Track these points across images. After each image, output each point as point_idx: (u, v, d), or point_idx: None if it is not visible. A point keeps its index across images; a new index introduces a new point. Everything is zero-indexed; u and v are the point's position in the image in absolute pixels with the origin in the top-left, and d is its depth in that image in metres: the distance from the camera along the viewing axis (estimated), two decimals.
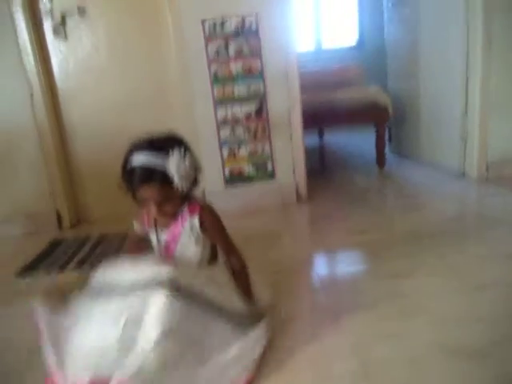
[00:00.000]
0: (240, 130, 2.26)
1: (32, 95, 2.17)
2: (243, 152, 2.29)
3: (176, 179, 1.02)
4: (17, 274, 1.71)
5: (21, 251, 1.98)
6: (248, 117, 2.25)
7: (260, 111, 2.24)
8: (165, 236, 1.14)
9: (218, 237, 1.17)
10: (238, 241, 1.19)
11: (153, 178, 1.02)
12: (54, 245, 2.02)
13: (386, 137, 3.02)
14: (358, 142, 3.89)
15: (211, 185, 2.31)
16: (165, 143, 1.05)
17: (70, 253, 1.90)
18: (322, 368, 0.98)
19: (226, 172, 2.31)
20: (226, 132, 2.26)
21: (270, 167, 2.32)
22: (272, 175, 2.33)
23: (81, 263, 1.76)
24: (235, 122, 2.25)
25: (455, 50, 2.38)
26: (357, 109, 2.84)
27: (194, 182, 1.11)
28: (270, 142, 2.30)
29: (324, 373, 0.97)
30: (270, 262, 1.62)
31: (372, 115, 2.88)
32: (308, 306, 1.30)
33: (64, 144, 2.32)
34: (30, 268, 1.76)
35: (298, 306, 1.29)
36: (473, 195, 2.28)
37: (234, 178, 2.32)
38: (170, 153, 1.02)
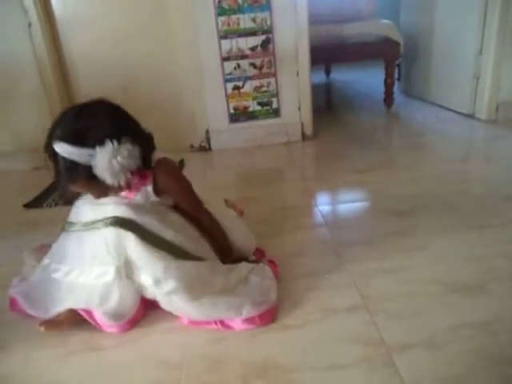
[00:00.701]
0: (245, 65, 2.19)
1: (30, 25, 2.08)
2: (248, 88, 2.24)
3: (108, 179, 0.89)
4: (25, 206, 1.74)
5: (29, 185, 2.00)
6: (254, 51, 2.17)
7: (266, 45, 2.16)
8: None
9: (179, 198, 1.06)
10: (241, 177, 1.18)
11: (78, 178, 0.91)
12: None
13: (396, 75, 2.92)
14: (366, 80, 3.78)
15: (215, 122, 2.28)
16: (91, 129, 0.89)
17: None
18: (322, 301, 1.03)
19: (231, 108, 2.27)
20: (230, 67, 2.19)
21: (275, 104, 2.28)
22: (277, 112, 2.29)
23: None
24: (240, 56, 2.18)
25: None
26: (367, 44, 2.73)
27: (145, 157, 0.98)
28: (276, 78, 2.23)
29: (325, 305, 1.01)
30: (273, 200, 1.64)
31: (382, 51, 2.77)
32: (310, 241, 1.33)
33: (65, 76, 2.26)
34: (38, 200, 1.79)
35: (301, 241, 1.33)
36: (480, 136, 2.25)
37: (239, 115, 2.29)
38: (98, 149, 0.87)
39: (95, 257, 0.95)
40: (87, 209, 1.01)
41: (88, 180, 0.91)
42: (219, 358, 0.89)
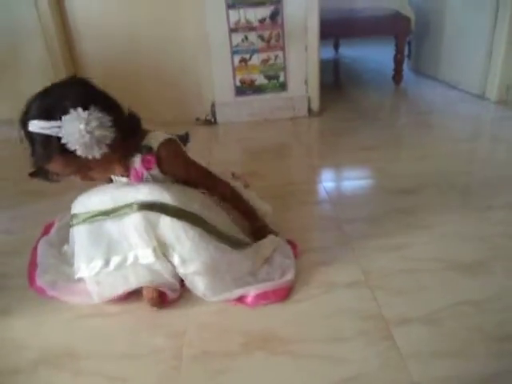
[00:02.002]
0: (253, 37, 2.15)
1: None
2: (255, 61, 2.20)
3: (79, 151, 0.83)
4: (30, 175, 1.75)
5: None
6: (262, 22, 2.12)
7: (275, 16, 2.11)
8: (124, 180, 1.04)
9: (192, 178, 1.05)
10: (246, 152, 1.18)
11: (52, 153, 0.85)
12: None
13: (406, 52, 2.87)
14: (376, 56, 3.71)
15: (221, 95, 2.26)
16: (58, 102, 0.84)
17: None
18: (324, 276, 1.04)
19: (237, 81, 2.24)
20: (238, 38, 2.15)
21: (282, 78, 2.24)
22: (284, 86, 2.26)
23: None
24: (248, 27, 2.13)
25: None
26: (377, 19, 2.67)
27: (129, 132, 0.94)
28: (284, 52, 2.19)
29: (327, 280, 1.02)
30: (278, 175, 1.64)
31: (393, 27, 2.70)
32: (314, 217, 1.34)
33: (70, 44, 2.23)
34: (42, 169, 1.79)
35: (305, 216, 1.33)
36: (490, 117, 2.22)
37: (245, 88, 2.26)
38: (63, 118, 0.82)
39: (130, 242, 0.94)
40: (104, 197, 0.96)
41: (63, 155, 0.85)
42: (221, 327, 0.91)
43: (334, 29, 2.64)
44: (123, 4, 2.15)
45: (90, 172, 0.93)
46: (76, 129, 0.81)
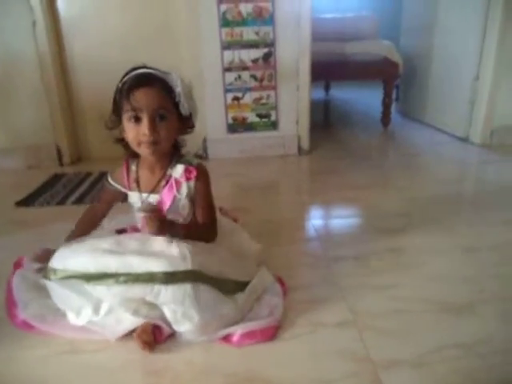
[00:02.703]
0: (246, 77, 2.21)
1: (34, 23, 2.09)
2: (248, 99, 2.25)
3: (178, 90, 0.96)
4: (17, 204, 1.73)
5: (22, 183, 1.99)
6: (255, 63, 2.19)
7: (268, 58, 2.18)
8: (153, 200, 1.04)
9: (204, 204, 1.07)
10: (236, 188, 1.18)
11: (152, 81, 0.95)
12: (55, 179, 2.03)
13: (394, 95, 2.97)
14: (364, 99, 3.83)
15: (213, 131, 2.29)
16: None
17: (70, 187, 1.91)
18: (312, 315, 1.02)
19: (229, 119, 2.28)
20: (231, 77, 2.21)
21: (273, 117, 2.29)
22: (275, 125, 2.31)
23: (81, 198, 1.78)
24: (242, 67, 2.20)
25: (474, 8, 2.29)
26: (367, 63, 2.77)
27: (190, 122, 1.04)
28: (276, 91, 2.25)
29: (314, 319, 1.00)
30: (267, 212, 1.64)
31: (382, 71, 2.81)
32: (302, 255, 1.33)
33: (66, 76, 2.27)
34: (30, 199, 1.78)
35: (293, 253, 1.32)
36: (474, 160, 2.27)
37: (237, 126, 2.30)
38: (171, 72, 0.97)
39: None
40: (88, 259, 0.94)
41: (161, 89, 0.96)
42: (204, 367, 0.88)
43: (324, 71, 2.73)
44: (122, 41, 2.20)
45: (163, 124, 0.96)
46: (180, 81, 0.97)
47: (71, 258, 0.96)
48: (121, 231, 1.16)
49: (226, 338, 0.94)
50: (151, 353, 0.90)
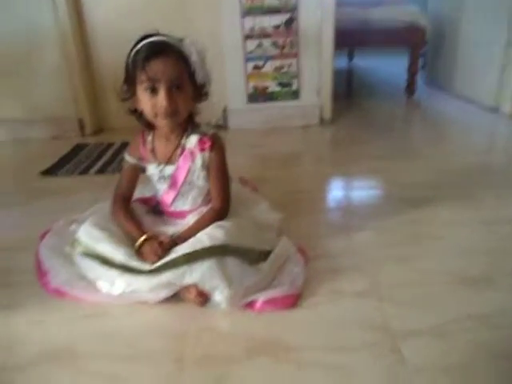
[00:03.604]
0: (267, 44, 2.16)
1: None
2: (268, 68, 2.21)
3: (194, 57, 0.95)
4: (42, 173, 1.77)
5: (46, 153, 2.03)
6: (276, 30, 2.13)
7: (290, 24, 2.12)
8: (170, 171, 1.05)
9: (218, 175, 1.07)
10: (256, 158, 1.17)
11: (168, 50, 0.94)
12: (78, 149, 2.06)
13: (420, 64, 2.86)
14: (389, 67, 3.70)
15: (233, 101, 2.27)
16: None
17: (93, 157, 1.94)
18: (333, 284, 1.02)
19: (250, 88, 2.25)
20: (252, 45, 2.16)
21: (295, 86, 2.24)
22: (296, 95, 2.26)
23: (103, 167, 1.81)
24: (263, 34, 2.14)
25: None
26: (392, 30, 2.67)
27: (205, 90, 1.03)
28: (298, 60, 2.20)
29: (335, 288, 1.01)
30: (288, 182, 1.63)
31: (408, 38, 2.70)
32: (322, 225, 1.32)
33: (86, 48, 2.26)
34: (54, 168, 1.81)
35: (313, 224, 1.32)
36: (504, 130, 2.19)
37: (257, 95, 2.26)
38: (184, 38, 0.96)
39: None
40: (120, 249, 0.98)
41: (177, 58, 0.95)
42: (225, 331, 0.90)
43: (348, 39, 2.64)
44: (140, 10, 2.17)
45: (179, 93, 0.96)
46: (196, 48, 0.97)
47: (101, 242, 0.99)
48: (145, 201, 1.18)
49: (249, 304, 0.95)
50: (203, 306, 0.94)
